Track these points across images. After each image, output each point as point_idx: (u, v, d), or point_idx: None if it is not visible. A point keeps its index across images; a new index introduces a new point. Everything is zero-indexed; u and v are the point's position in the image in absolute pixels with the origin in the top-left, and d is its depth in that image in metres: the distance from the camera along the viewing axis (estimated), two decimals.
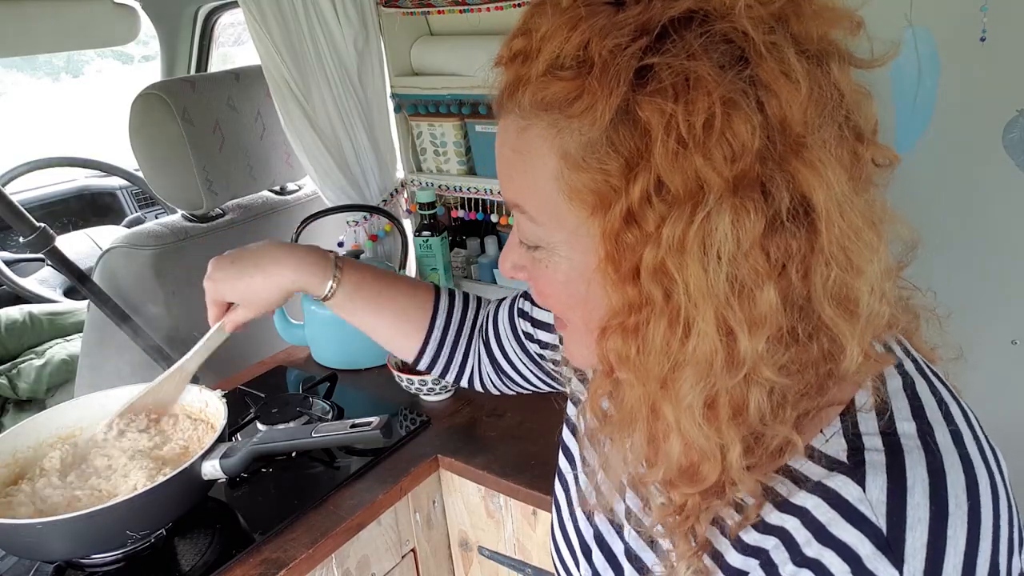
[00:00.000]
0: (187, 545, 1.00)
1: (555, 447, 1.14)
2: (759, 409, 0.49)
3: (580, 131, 0.48)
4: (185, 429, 1.05)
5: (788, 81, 0.44)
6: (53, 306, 2.23)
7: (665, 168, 0.45)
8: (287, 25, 1.41)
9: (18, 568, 0.98)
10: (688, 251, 0.45)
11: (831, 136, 0.46)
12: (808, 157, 0.45)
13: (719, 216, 0.45)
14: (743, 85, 0.44)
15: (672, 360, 0.48)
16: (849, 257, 0.47)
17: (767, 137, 0.45)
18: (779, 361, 0.48)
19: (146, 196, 2.93)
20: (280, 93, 1.46)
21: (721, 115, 0.44)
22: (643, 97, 0.45)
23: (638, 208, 0.47)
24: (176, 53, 2.43)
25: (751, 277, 0.46)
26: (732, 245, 0.45)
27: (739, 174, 0.45)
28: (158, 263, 1.47)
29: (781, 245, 0.46)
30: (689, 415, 0.49)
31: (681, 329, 0.47)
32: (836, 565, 0.47)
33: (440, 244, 1.53)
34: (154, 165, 1.49)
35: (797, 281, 0.47)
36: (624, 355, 0.51)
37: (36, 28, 1.92)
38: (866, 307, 0.48)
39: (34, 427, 1.04)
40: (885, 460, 0.48)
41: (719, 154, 0.44)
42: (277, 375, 1.46)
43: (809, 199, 0.46)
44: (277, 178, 1.68)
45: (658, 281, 0.47)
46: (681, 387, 0.48)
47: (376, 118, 1.56)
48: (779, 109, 0.45)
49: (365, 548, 1.09)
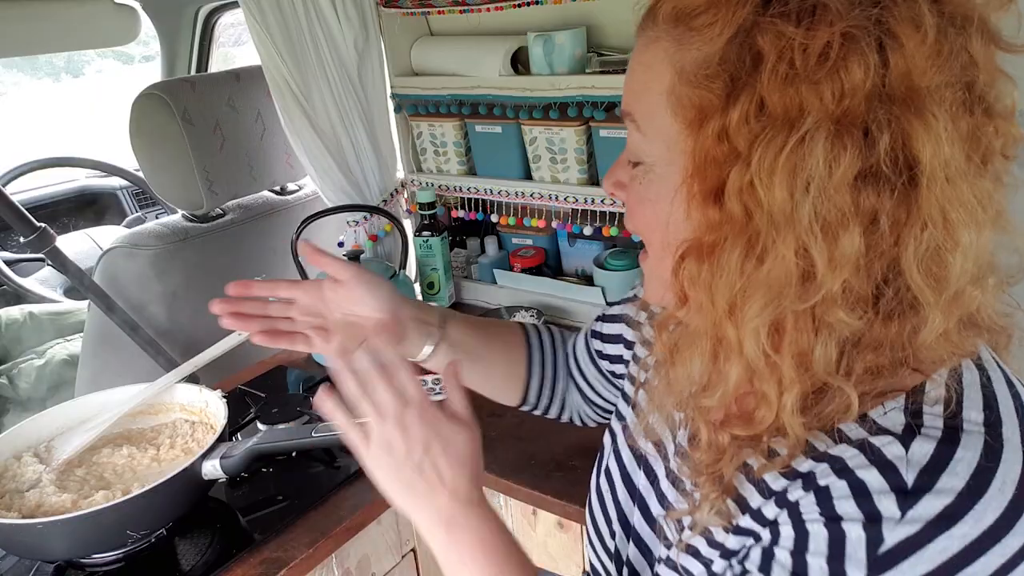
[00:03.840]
0: (187, 545, 1.00)
1: (554, 448, 1.14)
2: (825, 356, 0.48)
3: (699, 46, 0.49)
4: (183, 434, 1.05)
5: (915, 30, 0.44)
6: (53, 306, 2.23)
7: (769, 91, 0.45)
8: (287, 25, 1.41)
9: (18, 568, 0.98)
10: (777, 174, 0.45)
11: (953, 100, 0.45)
12: (921, 110, 0.44)
13: (813, 144, 0.44)
14: (867, 24, 0.44)
15: (744, 281, 0.48)
16: (949, 225, 0.46)
17: (882, 81, 0.44)
18: (855, 312, 0.48)
19: (146, 196, 2.93)
20: (280, 93, 1.46)
21: (838, 49, 0.44)
22: (765, 19, 0.46)
23: (734, 127, 0.47)
24: (176, 53, 2.43)
25: (837, 216, 0.45)
26: (822, 177, 0.45)
27: (844, 110, 0.44)
28: (158, 263, 1.47)
29: (876, 194, 0.45)
30: (753, 338, 0.49)
31: (759, 251, 0.47)
32: (840, 490, 0.47)
33: (440, 244, 1.53)
34: (154, 165, 1.49)
35: (888, 235, 0.46)
36: (696, 275, 0.51)
37: (37, 28, 1.92)
38: (956, 280, 0.47)
39: (35, 427, 1.04)
40: (940, 435, 0.47)
41: (827, 87, 0.44)
42: (277, 375, 1.46)
43: (916, 154, 0.45)
44: (277, 178, 1.68)
45: (742, 201, 0.47)
46: (749, 309, 0.48)
47: (376, 118, 1.56)
48: (900, 55, 0.44)
49: (365, 548, 1.09)
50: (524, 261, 1.53)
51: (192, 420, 1.09)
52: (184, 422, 1.09)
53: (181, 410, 1.10)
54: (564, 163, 1.38)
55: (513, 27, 1.42)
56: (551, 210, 1.44)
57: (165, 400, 1.10)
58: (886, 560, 0.45)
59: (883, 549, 0.45)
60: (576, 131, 1.34)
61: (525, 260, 1.53)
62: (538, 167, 1.43)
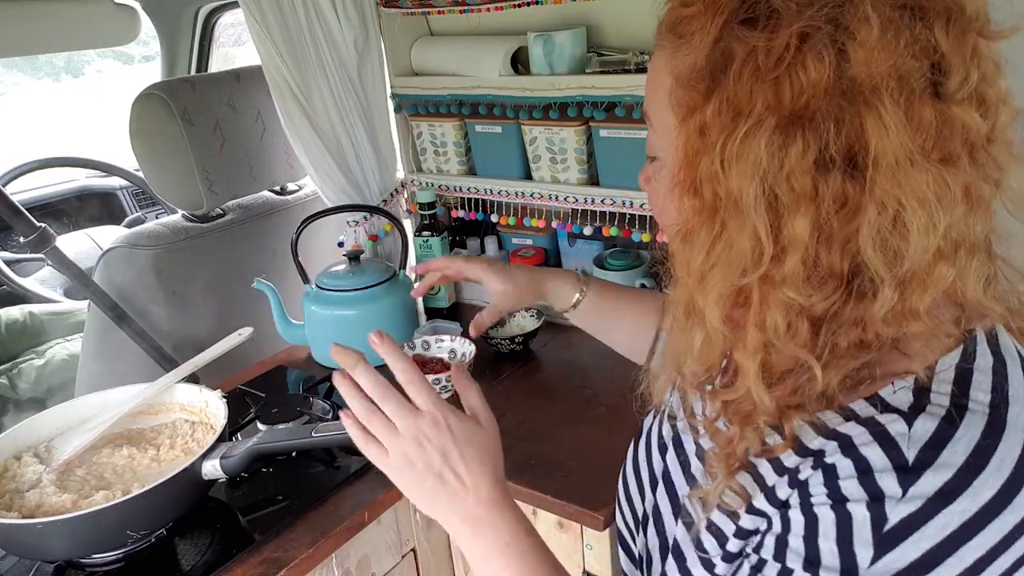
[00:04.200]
0: (187, 545, 1.00)
1: (555, 447, 1.14)
2: (776, 328, 0.51)
3: (687, 53, 0.54)
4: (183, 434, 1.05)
5: (867, 23, 0.46)
6: (53, 306, 2.23)
7: (735, 89, 0.50)
8: (287, 25, 1.41)
9: (18, 568, 0.98)
10: (733, 162, 0.50)
11: (910, 89, 0.47)
12: (872, 102, 0.47)
13: (759, 134, 0.48)
14: (822, 22, 0.47)
15: (711, 258, 0.53)
16: (901, 210, 0.48)
17: (836, 74, 0.47)
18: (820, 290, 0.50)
19: (146, 196, 2.93)
20: (280, 93, 1.46)
21: (795, 48, 0.47)
22: (736, 26, 0.50)
23: (709, 121, 0.52)
24: (176, 53, 2.43)
25: (788, 200, 0.49)
26: (770, 164, 0.48)
27: (803, 104, 0.48)
28: (158, 263, 1.47)
29: (828, 181, 0.48)
30: (714, 306, 0.53)
31: (721, 231, 0.52)
32: (846, 470, 0.49)
33: (440, 244, 1.53)
34: (154, 165, 1.49)
35: (842, 219, 0.49)
36: (679, 254, 0.57)
37: (37, 28, 1.92)
38: (913, 258, 0.48)
39: (35, 427, 1.04)
40: (944, 413, 0.49)
41: (785, 83, 0.48)
42: (277, 375, 1.46)
43: (866, 143, 0.47)
44: (277, 178, 1.68)
45: (712, 188, 0.52)
46: (712, 280, 0.53)
47: (376, 118, 1.56)
48: (854, 49, 0.47)
49: (365, 548, 1.09)
50: (524, 261, 1.53)
51: (192, 420, 1.09)
52: (184, 422, 1.09)
53: (181, 410, 1.10)
54: (564, 163, 1.38)
55: (513, 27, 1.42)
56: (551, 210, 1.44)
57: (165, 400, 1.10)
58: (890, 538, 0.47)
59: (887, 528, 0.47)
60: (576, 131, 1.34)
61: (525, 260, 1.53)
62: (538, 167, 1.43)
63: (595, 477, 1.03)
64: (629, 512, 0.76)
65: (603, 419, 1.19)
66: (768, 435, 0.56)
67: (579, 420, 1.20)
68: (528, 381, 1.33)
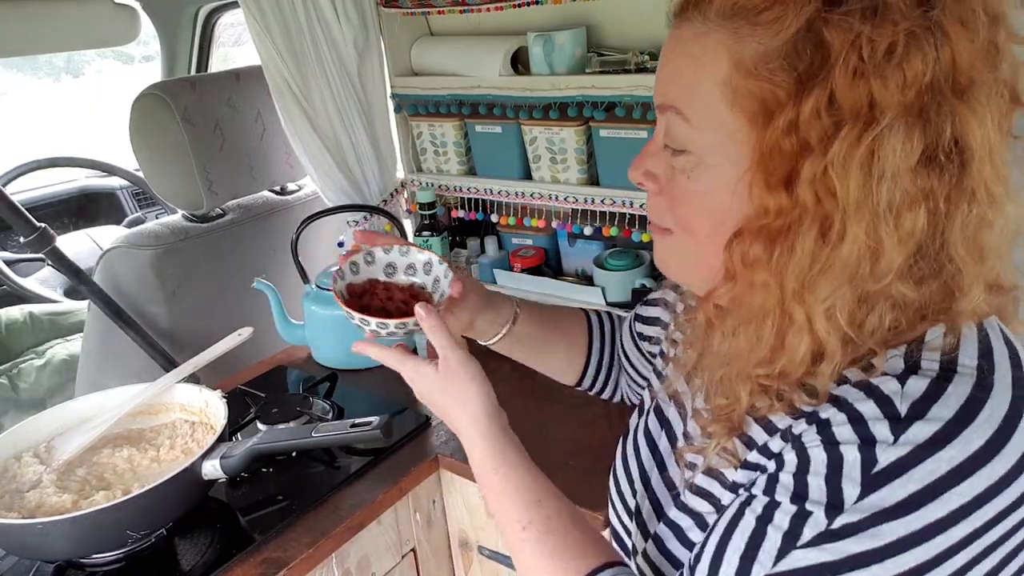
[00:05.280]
0: (187, 545, 1.00)
1: (554, 447, 1.14)
2: (880, 326, 0.53)
3: (760, 40, 0.51)
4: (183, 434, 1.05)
5: (964, 30, 0.48)
6: (53, 306, 2.23)
7: (841, 86, 0.48)
8: (287, 25, 1.41)
9: (19, 568, 0.98)
10: (852, 166, 0.49)
11: (992, 89, 0.50)
12: (971, 101, 0.49)
13: (888, 138, 0.48)
14: (927, 22, 0.48)
15: (820, 264, 0.51)
16: (992, 200, 0.50)
17: (937, 74, 0.48)
18: (913, 282, 0.52)
19: (146, 196, 2.93)
20: (280, 93, 1.46)
21: (903, 45, 0.47)
22: (833, 16, 0.48)
23: (806, 120, 0.50)
24: (176, 53, 2.43)
25: (904, 199, 0.49)
26: (894, 165, 0.48)
27: (909, 102, 0.48)
28: (158, 263, 1.47)
29: (934, 176, 0.49)
30: (824, 317, 0.52)
31: (834, 236, 0.51)
32: (838, 418, 0.51)
33: (440, 244, 1.53)
34: (154, 165, 1.49)
35: (942, 212, 0.50)
36: (762, 259, 0.54)
37: (37, 28, 1.92)
38: (992, 254, 0.52)
39: (35, 427, 1.04)
40: (935, 374, 0.51)
41: (894, 81, 0.48)
42: (277, 375, 1.46)
43: (965, 139, 0.49)
44: (277, 178, 1.68)
45: (815, 190, 0.50)
46: (821, 290, 0.52)
47: (376, 118, 1.56)
48: (952, 53, 0.48)
49: (365, 548, 1.09)
50: (524, 261, 1.53)
51: (192, 420, 1.09)
52: (184, 422, 1.09)
53: (181, 410, 1.10)
54: (564, 163, 1.38)
55: (513, 27, 1.42)
56: (551, 210, 1.44)
57: (165, 400, 1.10)
58: (879, 478, 0.48)
59: (876, 469, 0.49)
60: (576, 131, 1.34)
61: (525, 260, 1.53)
62: (538, 167, 1.43)
63: (595, 477, 1.03)
64: (622, 507, 0.77)
65: (603, 419, 1.19)
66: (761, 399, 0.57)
67: (579, 420, 1.20)
68: (528, 381, 1.33)
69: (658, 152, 0.61)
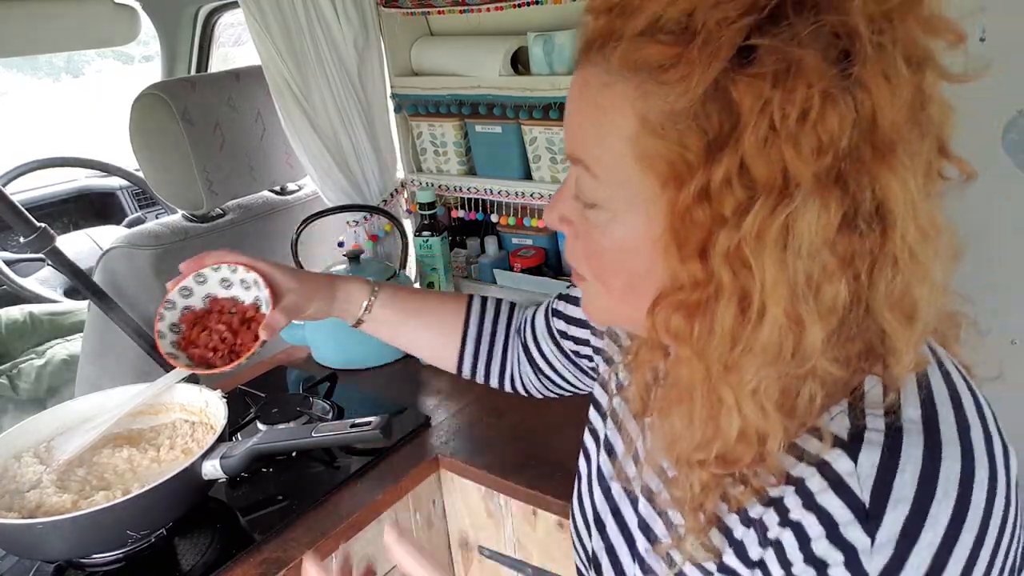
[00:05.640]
0: (187, 545, 1.00)
1: (554, 448, 1.14)
2: (811, 401, 0.50)
3: (666, 99, 0.47)
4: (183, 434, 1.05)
5: (888, 84, 0.44)
6: (53, 306, 2.23)
7: (752, 154, 0.45)
8: (287, 25, 1.41)
9: (18, 568, 0.98)
10: (767, 241, 0.45)
11: (916, 144, 0.46)
12: (892, 162, 0.45)
13: (804, 211, 0.45)
14: (844, 82, 0.44)
15: (741, 345, 0.48)
16: (915, 263, 0.47)
17: (855, 134, 0.45)
18: (837, 355, 0.49)
19: (146, 196, 2.93)
20: (280, 93, 1.46)
21: (818, 108, 0.43)
22: (741, 77, 0.44)
23: (717, 189, 0.46)
24: (176, 53, 2.43)
25: (824, 272, 0.46)
26: (812, 240, 0.45)
27: (825, 169, 0.44)
28: (158, 263, 1.47)
29: (853, 243, 0.46)
30: (751, 399, 0.49)
31: (754, 315, 0.47)
32: (814, 528, 0.49)
33: (440, 244, 1.53)
34: (154, 165, 1.49)
35: (864, 280, 0.47)
36: (683, 332, 0.51)
37: (37, 28, 1.92)
38: (924, 315, 0.49)
39: (35, 427, 1.04)
40: (883, 440, 0.48)
41: (808, 147, 0.44)
42: (277, 375, 1.46)
43: (887, 203, 0.46)
44: (277, 178, 1.68)
45: (730, 265, 0.47)
46: (745, 371, 0.48)
47: (376, 118, 1.56)
48: (873, 111, 0.44)
49: (366, 548, 1.09)
50: (524, 261, 1.53)
51: (192, 420, 1.09)
52: (184, 422, 1.08)
53: (181, 410, 1.10)
54: (564, 163, 1.38)
55: (513, 27, 1.42)
56: None
57: (165, 400, 1.10)
58: None
59: None
60: None
61: (525, 260, 1.53)
62: (538, 167, 1.43)
63: None
64: (583, 551, 0.75)
65: None
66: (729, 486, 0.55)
67: (579, 420, 1.19)
68: None
69: (572, 197, 0.57)
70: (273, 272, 0.89)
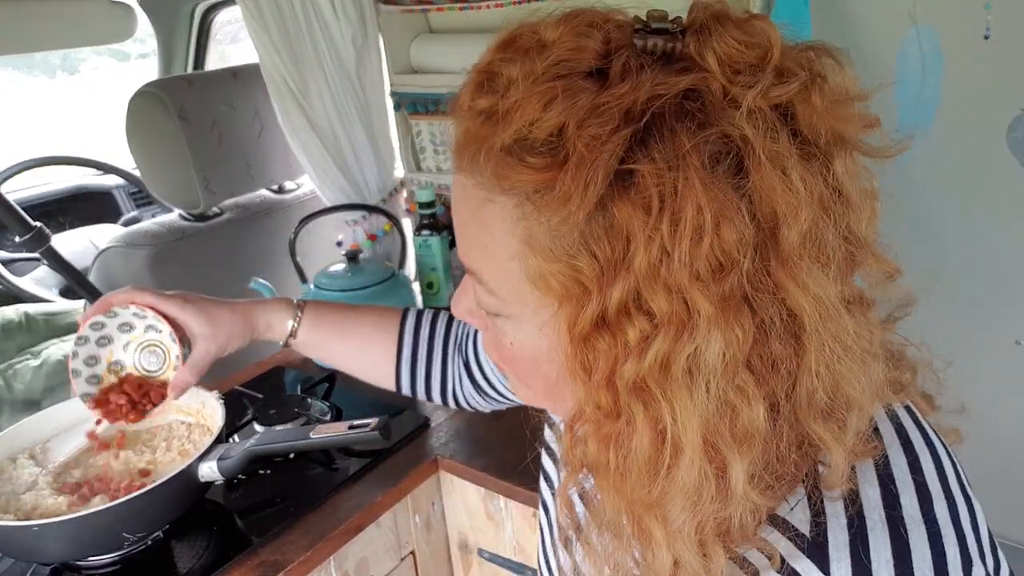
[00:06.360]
0: (184, 547, 0.99)
1: None
2: (743, 524, 0.45)
3: (550, 221, 0.42)
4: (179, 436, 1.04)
5: (789, 190, 0.40)
6: (49, 306, 2.21)
7: (646, 282, 0.41)
8: (285, 23, 1.40)
9: (14, 570, 0.97)
10: (674, 375, 0.41)
11: (827, 246, 0.42)
12: (799, 274, 0.41)
13: (710, 340, 0.41)
14: (736, 197, 0.40)
15: (659, 484, 0.44)
16: (836, 372, 0.43)
17: (755, 248, 0.41)
18: (765, 479, 0.45)
19: (143, 195, 2.92)
20: (278, 91, 1.45)
21: (711, 229, 0.39)
22: (626, 198, 0.40)
23: (614, 317, 0.42)
24: (173, 51, 2.42)
25: (740, 397, 0.42)
26: (724, 367, 0.41)
27: (727, 292, 0.40)
28: (155, 262, 1.46)
29: (766, 359, 0.43)
30: (680, 537, 0.45)
31: (669, 452, 0.43)
32: None
33: (439, 243, 1.53)
34: (151, 164, 1.48)
35: (783, 396, 0.44)
36: (600, 463, 0.46)
37: (32, 26, 1.91)
38: (855, 421, 0.45)
39: (31, 428, 1.03)
40: (848, 539, 0.44)
41: (705, 271, 0.40)
42: (275, 376, 1.45)
43: (800, 314, 0.42)
44: (275, 177, 1.67)
45: (639, 397, 0.43)
46: (670, 511, 0.44)
47: (375, 116, 1.55)
48: (775, 222, 0.41)
49: (364, 550, 1.08)
50: None
51: (189, 421, 1.08)
52: (181, 424, 1.08)
53: (178, 411, 1.09)
54: None
55: None
56: None
57: None
58: None
59: None
60: None
61: None
62: None
63: None
64: None
65: None
66: None
67: None
68: None
69: (474, 296, 0.52)
70: (184, 316, 0.86)
